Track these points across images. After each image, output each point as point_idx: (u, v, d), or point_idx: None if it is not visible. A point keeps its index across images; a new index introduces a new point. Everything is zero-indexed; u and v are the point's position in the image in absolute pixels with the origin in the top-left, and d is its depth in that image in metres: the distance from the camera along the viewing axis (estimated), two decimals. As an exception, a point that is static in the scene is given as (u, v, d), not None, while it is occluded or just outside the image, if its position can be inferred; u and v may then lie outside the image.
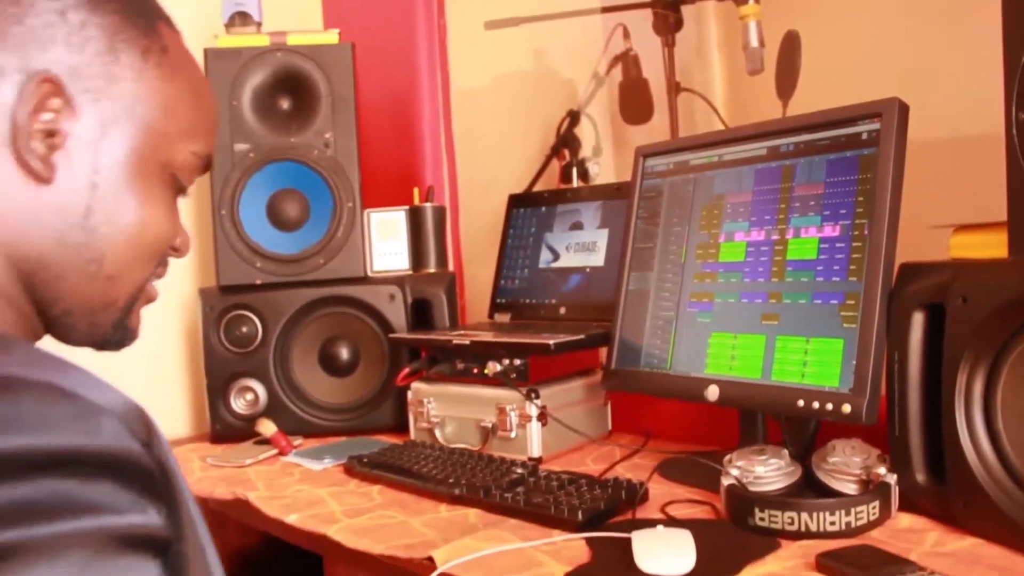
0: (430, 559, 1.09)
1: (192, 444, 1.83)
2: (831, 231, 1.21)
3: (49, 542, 0.49)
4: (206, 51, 1.81)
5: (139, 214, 0.74)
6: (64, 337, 0.76)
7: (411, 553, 1.13)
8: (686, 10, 1.83)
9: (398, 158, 2.25)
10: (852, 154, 1.20)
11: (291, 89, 1.85)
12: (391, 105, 2.28)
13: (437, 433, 1.61)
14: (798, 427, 1.29)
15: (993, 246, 1.07)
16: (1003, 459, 1.02)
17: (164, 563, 0.57)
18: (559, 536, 1.13)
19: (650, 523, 1.12)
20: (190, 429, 2.08)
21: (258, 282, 1.82)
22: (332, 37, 1.87)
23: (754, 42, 1.76)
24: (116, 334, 0.78)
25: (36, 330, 0.75)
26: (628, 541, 1.05)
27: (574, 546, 1.10)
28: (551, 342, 1.44)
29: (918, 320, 1.12)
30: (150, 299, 0.80)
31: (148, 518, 0.55)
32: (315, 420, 1.82)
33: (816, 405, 1.17)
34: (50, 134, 0.69)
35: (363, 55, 1.94)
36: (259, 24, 1.88)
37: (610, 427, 1.68)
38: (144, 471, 0.55)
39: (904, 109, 1.17)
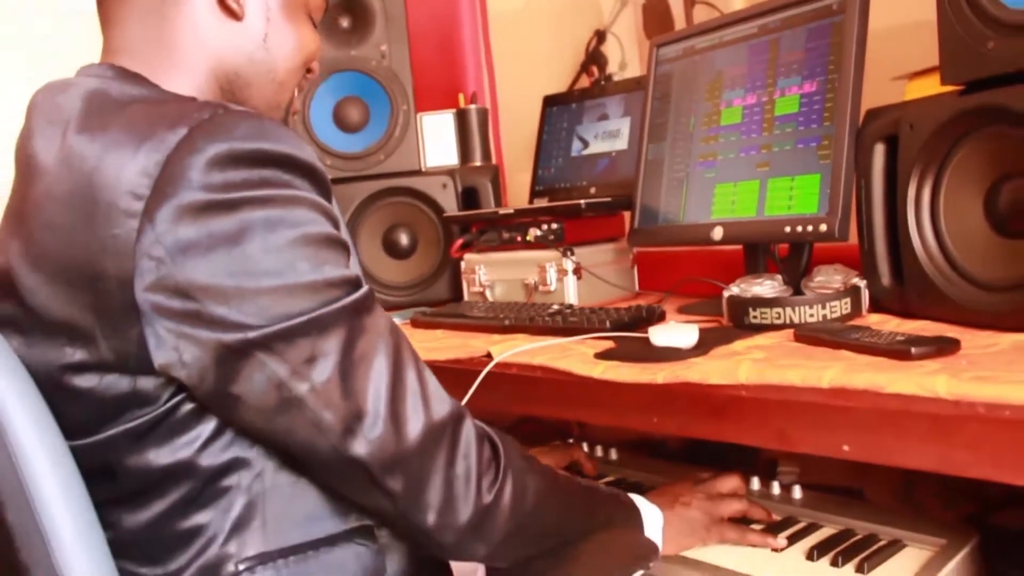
0: (488, 355, 1.37)
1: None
2: (809, 88, 1.45)
3: (287, 198, 0.84)
4: (275, -22, 2.08)
5: (297, 36, 1.06)
6: None
7: (472, 354, 1.41)
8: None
9: (444, 70, 2.52)
10: (826, 22, 1.44)
11: (350, 8, 2.11)
12: (436, 23, 2.55)
13: (488, 294, 1.89)
14: (791, 260, 1.54)
15: (938, 85, 1.31)
16: (945, 251, 1.27)
17: None
18: (590, 336, 1.40)
19: (665, 326, 1.39)
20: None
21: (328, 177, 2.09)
22: (384, -38, 2.13)
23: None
24: None
25: None
26: (646, 338, 1.32)
27: (603, 343, 1.37)
28: (582, 202, 1.71)
29: (879, 151, 1.36)
30: (295, 111, 1.10)
31: (330, 207, 0.87)
32: (381, 296, 2.10)
33: (800, 229, 1.42)
34: None
35: (410, -21, 2.21)
36: (319, -47, 2.14)
37: (637, 287, 1.94)
38: (326, 182, 0.89)
39: (867, -20, 1.41)
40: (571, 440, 1.72)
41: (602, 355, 1.27)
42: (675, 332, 1.27)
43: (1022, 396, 0.84)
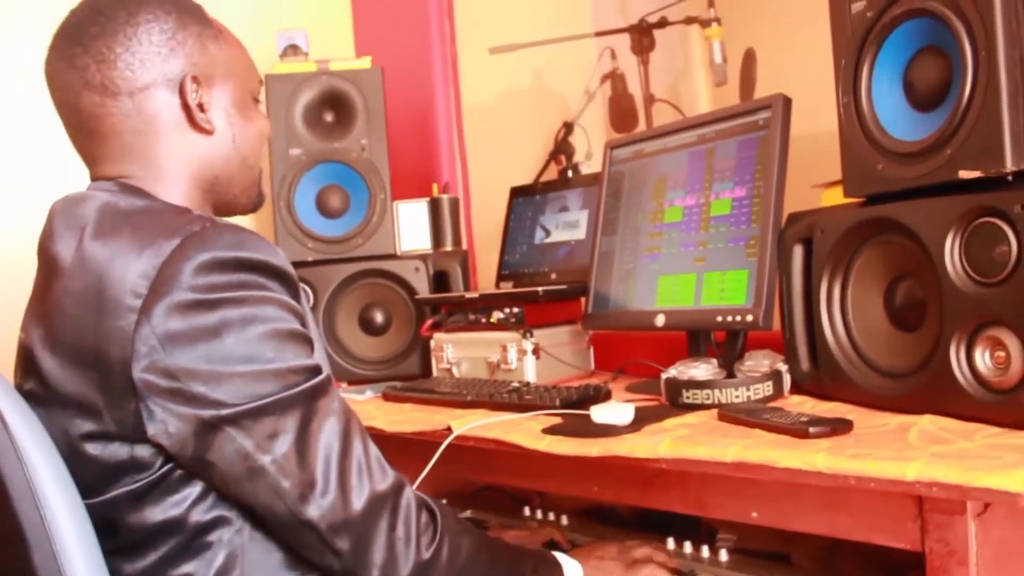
0: (448, 428, 1.53)
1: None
2: (739, 192, 1.64)
3: (260, 298, 1.00)
4: (266, 76, 2.25)
5: (255, 127, 1.25)
6: (233, 211, 1.27)
7: (435, 427, 1.56)
8: (674, 35, 2.26)
9: (420, 161, 2.71)
10: (753, 136, 1.63)
11: (333, 105, 2.30)
12: (413, 118, 2.74)
13: (454, 371, 2.05)
14: (727, 345, 1.70)
15: (847, 195, 1.49)
16: (852, 341, 1.44)
17: None
18: (541, 412, 1.56)
19: (608, 404, 1.54)
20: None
21: (310, 259, 2.27)
22: (366, 63, 2.32)
23: (718, 58, 2.20)
24: (258, 199, 1.30)
25: None
26: (589, 415, 1.47)
27: (552, 419, 1.53)
28: (539, 289, 1.88)
29: (798, 251, 1.54)
30: (260, 172, 1.30)
31: (297, 305, 1.04)
32: (356, 370, 2.26)
33: (730, 318, 1.59)
34: (200, 107, 1.18)
35: (389, 77, 2.39)
36: (306, 54, 2.34)
37: (593, 367, 2.10)
38: (295, 284, 1.06)
39: (788, 102, 1.59)
40: (537, 516, 1.87)
41: (548, 430, 1.43)
42: (613, 411, 1.43)
43: (882, 470, 1.00)
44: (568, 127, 2.56)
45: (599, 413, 1.44)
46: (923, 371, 1.29)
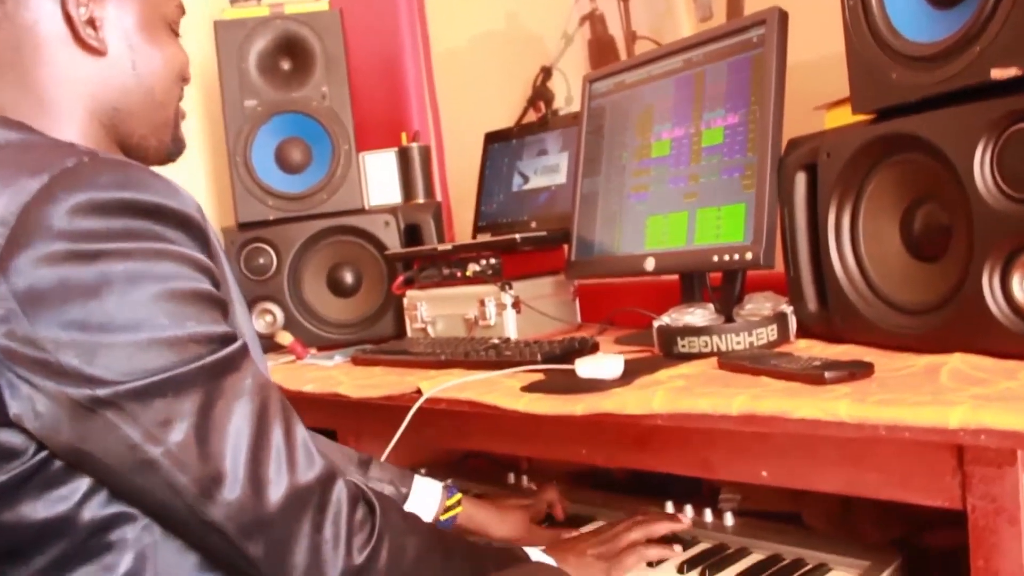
0: (418, 391, 1.37)
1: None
2: (732, 119, 1.48)
3: (153, 251, 0.81)
4: (215, 23, 2.10)
5: (163, 54, 1.05)
6: (143, 158, 1.07)
7: (403, 390, 1.41)
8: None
9: (387, 109, 2.54)
10: (745, 56, 1.47)
11: (290, 51, 2.13)
12: (379, 64, 2.57)
13: (429, 330, 1.89)
14: (724, 288, 1.55)
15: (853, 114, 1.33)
16: (865, 276, 1.29)
17: None
18: (521, 368, 1.41)
19: (595, 358, 1.39)
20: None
21: (271, 218, 2.11)
22: (323, 5, 2.15)
23: (702, -10, 2.03)
24: (175, 146, 1.10)
25: None
26: (574, 369, 1.32)
27: (533, 376, 1.37)
28: (517, 236, 1.72)
29: (800, 179, 1.38)
30: (183, 116, 1.11)
31: (206, 260, 0.85)
32: (326, 334, 2.11)
33: (727, 257, 1.44)
34: (91, 22, 0.98)
35: (351, 21, 2.22)
36: (259, -2, 2.16)
37: (579, 319, 1.95)
38: (203, 233, 0.86)
39: (784, 16, 1.43)
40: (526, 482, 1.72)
41: (528, 388, 1.28)
42: (600, 363, 1.28)
43: (919, 417, 0.85)
44: (546, 72, 2.39)
45: (584, 367, 1.28)
46: (950, 305, 1.14)
